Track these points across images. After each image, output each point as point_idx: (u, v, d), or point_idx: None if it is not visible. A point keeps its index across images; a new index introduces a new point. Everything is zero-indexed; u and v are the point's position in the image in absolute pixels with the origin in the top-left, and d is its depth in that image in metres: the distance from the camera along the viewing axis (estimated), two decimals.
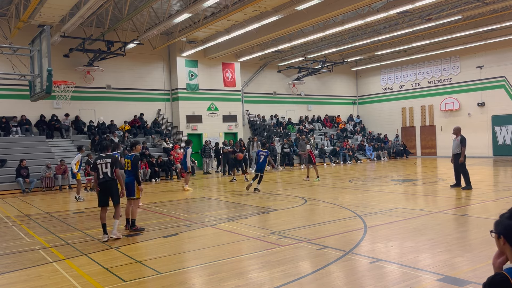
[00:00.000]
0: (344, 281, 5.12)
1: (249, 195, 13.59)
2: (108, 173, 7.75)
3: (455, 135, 13.01)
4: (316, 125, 31.10)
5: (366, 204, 10.66)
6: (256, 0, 16.19)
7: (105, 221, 7.81)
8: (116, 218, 7.84)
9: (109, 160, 7.80)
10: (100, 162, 7.81)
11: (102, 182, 7.76)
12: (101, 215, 7.82)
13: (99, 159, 7.90)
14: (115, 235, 7.73)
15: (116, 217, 7.84)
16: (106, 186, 7.76)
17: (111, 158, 7.87)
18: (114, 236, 7.71)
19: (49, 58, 10.40)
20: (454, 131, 13.13)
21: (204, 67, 25.92)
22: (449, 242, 6.68)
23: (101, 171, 7.77)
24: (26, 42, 13.63)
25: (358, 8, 17.71)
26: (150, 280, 5.40)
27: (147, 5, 17.14)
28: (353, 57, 30.33)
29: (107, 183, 7.76)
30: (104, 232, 7.74)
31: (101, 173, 7.77)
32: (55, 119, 21.47)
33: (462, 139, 12.74)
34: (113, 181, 7.83)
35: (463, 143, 12.66)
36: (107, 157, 7.87)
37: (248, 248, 6.95)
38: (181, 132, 24.70)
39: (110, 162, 7.79)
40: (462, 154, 12.56)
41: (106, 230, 7.77)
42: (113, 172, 7.79)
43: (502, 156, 25.95)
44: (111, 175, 7.77)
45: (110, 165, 7.77)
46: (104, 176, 7.76)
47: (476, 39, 25.70)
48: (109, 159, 7.82)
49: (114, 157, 7.93)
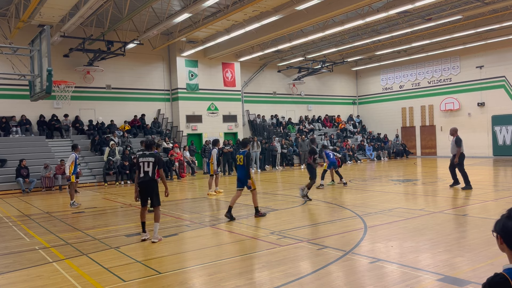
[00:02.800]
0: (344, 281, 5.12)
1: (249, 195, 13.57)
2: (149, 173, 7.36)
3: (452, 136, 13.19)
4: (316, 125, 31.10)
5: (366, 204, 10.66)
6: (256, 0, 16.19)
7: (145, 219, 7.61)
8: (156, 221, 7.41)
9: (152, 160, 7.39)
10: (142, 161, 7.42)
11: (142, 181, 7.38)
12: (141, 212, 7.61)
13: (142, 157, 7.48)
14: (156, 238, 7.35)
15: (156, 220, 7.41)
16: (145, 186, 7.39)
17: (154, 157, 7.44)
18: (156, 240, 7.32)
19: (49, 58, 10.40)
20: (450, 132, 13.37)
21: (204, 67, 25.93)
22: (449, 242, 6.68)
23: (142, 169, 7.39)
24: (26, 42, 13.63)
25: (358, 8, 17.71)
26: (150, 280, 5.40)
27: (147, 5, 17.13)
28: (353, 57, 30.33)
29: (147, 183, 7.37)
30: (143, 231, 7.57)
31: (142, 172, 7.38)
32: (55, 119, 21.47)
33: (457, 139, 12.90)
34: (154, 181, 7.41)
35: (458, 143, 12.83)
36: (150, 156, 7.45)
37: (248, 248, 6.95)
38: (181, 132, 24.71)
39: (153, 162, 7.37)
40: (457, 155, 12.74)
41: (145, 229, 7.58)
42: (155, 172, 7.40)
43: (502, 156, 25.95)
44: (152, 175, 7.38)
45: (152, 164, 7.35)
46: (145, 175, 7.37)
47: (476, 39, 25.70)
48: (152, 158, 7.40)
49: (157, 157, 7.49)
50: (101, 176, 19.42)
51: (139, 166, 7.43)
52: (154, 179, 7.42)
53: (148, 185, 7.39)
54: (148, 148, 7.69)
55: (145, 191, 7.44)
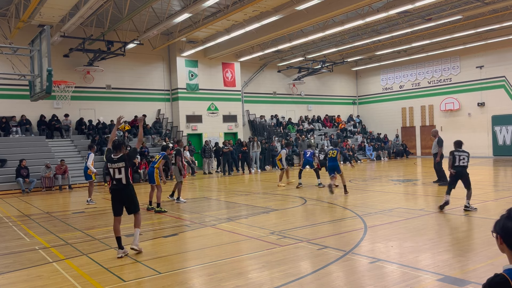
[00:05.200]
0: (344, 281, 5.12)
1: (249, 195, 13.60)
2: (122, 180, 6.80)
3: (434, 137, 14.31)
4: (316, 125, 31.10)
5: (366, 204, 10.66)
6: (256, 0, 16.19)
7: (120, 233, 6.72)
8: (137, 227, 6.84)
9: (122, 165, 6.78)
10: (112, 167, 6.95)
11: (114, 189, 6.84)
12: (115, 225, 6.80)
13: (110, 162, 6.95)
14: (136, 245, 6.70)
15: (137, 225, 6.86)
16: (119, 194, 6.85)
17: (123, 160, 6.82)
18: (136, 247, 6.66)
19: (49, 58, 10.39)
20: (432, 134, 14.56)
21: (204, 67, 25.92)
22: (449, 242, 6.68)
23: (113, 177, 6.83)
24: (26, 42, 13.62)
25: (358, 8, 17.71)
26: (150, 280, 5.40)
27: (147, 5, 17.13)
28: (353, 57, 30.33)
29: (120, 191, 6.82)
30: (120, 247, 6.62)
31: (114, 180, 6.84)
32: (55, 119, 21.47)
33: (439, 140, 14.00)
34: (127, 188, 6.82)
35: (440, 144, 13.92)
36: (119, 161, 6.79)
37: (248, 248, 6.95)
38: (181, 132, 24.71)
39: (124, 167, 6.79)
40: (439, 154, 13.80)
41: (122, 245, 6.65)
42: (129, 176, 6.87)
43: (502, 156, 25.95)
44: (127, 181, 6.83)
45: (124, 169, 6.78)
46: (117, 183, 6.81)
47: (476, 39, 25.70)
48: (122, 163, 6.79)
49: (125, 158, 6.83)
50: (101, 176, 19.41)
51: (109, 173, 6.84)
52: (128, 185, 6.77)
53: (122, 193, 6.75)
54: (116, 149, 6.81)
55: (118, 199, 6.78)
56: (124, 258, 6.47)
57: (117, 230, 6.65)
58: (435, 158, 14.01)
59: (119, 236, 6.59)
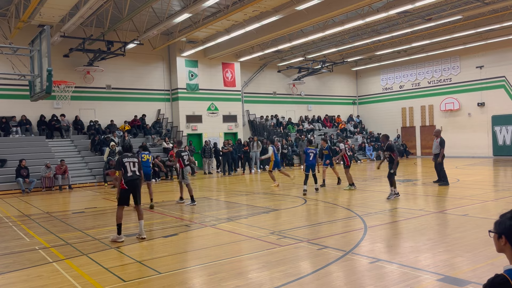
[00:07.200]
0: (344, 281, 5.12)
1: (249, 195, 13.59)
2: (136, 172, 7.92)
3: (436, 137, 13.99)
4: (316, 125, 31.09)
5: (366, 204, 10.66)
6: (256, 0, 16.19)
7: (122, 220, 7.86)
8: (142, 219, 7.94)
9: (136, 160, 8.03)
10: (127, 161, 7.86)
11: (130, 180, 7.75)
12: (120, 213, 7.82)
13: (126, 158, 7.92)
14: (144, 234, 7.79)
15: (142, 217, 7.96)
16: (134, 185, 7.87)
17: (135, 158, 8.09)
18: (145, 236, 7.74)
19: (49, 58, 10.39)
20: (435, 133, 14.23)
21: (204, 67, 25.92)
22: (449, 242, 6.68)
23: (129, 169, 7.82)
24: (26, 42, 13.62)
25: (358, 8, 17.71)
26: (150, 280, 5.40)
27: (147, 5, 17.13)
28: (353, 57, 30.32)
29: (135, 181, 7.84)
30: (119, 233, 7.70)
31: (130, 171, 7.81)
32: (55, 119, 21.46)
33: (442, 141, 13.76)
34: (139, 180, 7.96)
35: (442, 145, 13.71)
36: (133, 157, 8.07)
37: (248, 248, 6.94)
38: (181, 132, 24.71)
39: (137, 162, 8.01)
40: (441, 155, 13.60)
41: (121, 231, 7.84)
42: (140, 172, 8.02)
43: (502, 156, 25.94)
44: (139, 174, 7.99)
45: (137, 164, 7.95)
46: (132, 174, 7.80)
47: (476, 39, 25.70)
48: (135, 159, 7.99)
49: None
50: (101, 176, 19.43)
51: (125, 166, 7.77)
52: (140, 176, 7.94)
53: (136, 183, 7.82)
54: (128, 150, 8.17)
55: (133, 189, 7.77)
56: (124, 258, 6.48)
57: (121, 217, 7.65)
58: (436, 158, 13.81)
59: (121, 223, 7.64)
